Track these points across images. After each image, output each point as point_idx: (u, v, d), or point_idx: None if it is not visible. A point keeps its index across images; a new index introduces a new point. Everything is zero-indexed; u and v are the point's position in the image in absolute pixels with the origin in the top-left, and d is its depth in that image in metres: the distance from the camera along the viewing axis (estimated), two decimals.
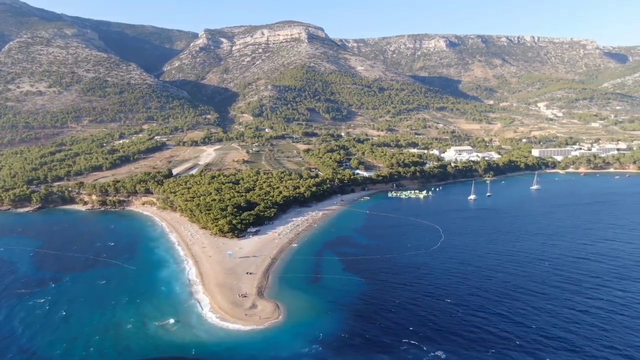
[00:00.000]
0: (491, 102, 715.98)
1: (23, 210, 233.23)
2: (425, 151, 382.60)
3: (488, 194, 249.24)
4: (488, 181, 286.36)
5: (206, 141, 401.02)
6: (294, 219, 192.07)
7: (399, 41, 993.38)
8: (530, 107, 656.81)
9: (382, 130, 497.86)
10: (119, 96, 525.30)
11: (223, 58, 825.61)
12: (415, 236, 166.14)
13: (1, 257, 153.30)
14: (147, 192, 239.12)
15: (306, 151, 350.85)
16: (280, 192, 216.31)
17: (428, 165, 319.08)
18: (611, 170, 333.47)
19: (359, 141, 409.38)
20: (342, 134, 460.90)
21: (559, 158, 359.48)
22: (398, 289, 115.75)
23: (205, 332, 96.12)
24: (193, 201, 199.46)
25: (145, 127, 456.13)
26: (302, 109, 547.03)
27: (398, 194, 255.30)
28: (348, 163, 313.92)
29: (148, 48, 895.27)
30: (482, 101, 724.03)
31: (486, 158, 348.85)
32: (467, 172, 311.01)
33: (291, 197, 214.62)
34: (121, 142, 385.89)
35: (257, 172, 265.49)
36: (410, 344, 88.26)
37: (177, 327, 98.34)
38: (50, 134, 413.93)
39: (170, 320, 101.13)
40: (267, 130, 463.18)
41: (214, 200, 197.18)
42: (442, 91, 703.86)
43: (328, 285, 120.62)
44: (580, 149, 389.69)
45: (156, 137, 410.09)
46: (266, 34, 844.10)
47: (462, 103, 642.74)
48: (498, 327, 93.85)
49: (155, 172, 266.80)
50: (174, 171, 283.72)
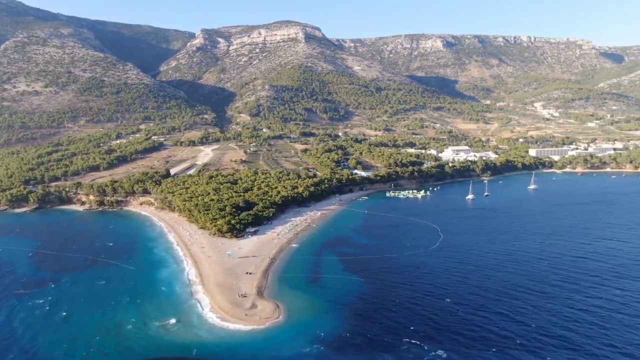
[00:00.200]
0: (488, 102, 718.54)
1: (20, 210, 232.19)
2: (422, 151, 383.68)
3: (486, 194, 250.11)
4: (486, 181, 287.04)
5: (204, 141, 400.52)
6: (293, 219, 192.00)
7: (396, 41, 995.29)
8: (526, 107, 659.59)
9: (380, 130, 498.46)
10: (116, 96, 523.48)
11: (220, 58, 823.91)
12: (414, 236, 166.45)
13: (0, 258, 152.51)
14: (145, 192, 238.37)
15: (304, 151, 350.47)
16: (278, 192, 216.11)
17: (426, 165, 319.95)
18: (608, 169, 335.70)
19: (357, 141, 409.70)
20: (340, 134, 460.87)
21: (556, 158, 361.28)
22: (398, 289, 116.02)
23: (206, 332, 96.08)
24: (191, 201, 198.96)
25: (142, 127, 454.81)
26: (300, 109, 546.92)
27: (396, 194, 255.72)
28: (346, 163, 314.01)
29: (145, 48, 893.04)
30: (479, 101, 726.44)
31: (484, 158, 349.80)
32: (465, 172, 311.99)
33: (289, 197, 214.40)
34: (118, 142, 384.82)
35: (255, 172, 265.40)
36: (411, 343, 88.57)
37: (178, 327, 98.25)
38: (47, 134, 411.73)
39: (171, 320, 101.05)
40: (265, 130, 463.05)
41: (212, 200, 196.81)
42: (439, 91, 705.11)
43: (328, 285, 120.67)
44: (577, 149, 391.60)
45: (153, 137, 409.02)
46: (263, 34, 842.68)
47: (459, 103, 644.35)
48: (498, 326, 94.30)
49: (153, 172, 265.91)
50: (172, 171, 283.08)
